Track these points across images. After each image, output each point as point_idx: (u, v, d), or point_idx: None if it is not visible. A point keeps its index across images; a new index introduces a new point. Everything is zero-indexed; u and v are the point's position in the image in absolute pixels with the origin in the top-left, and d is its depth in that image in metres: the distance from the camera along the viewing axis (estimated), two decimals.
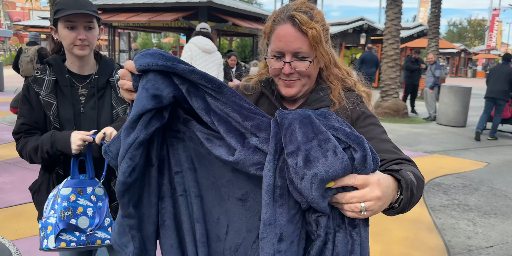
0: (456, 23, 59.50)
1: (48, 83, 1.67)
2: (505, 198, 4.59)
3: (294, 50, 1.09)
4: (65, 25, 1.61)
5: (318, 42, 1.08)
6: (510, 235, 3.61)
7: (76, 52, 1.65)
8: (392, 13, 9.63)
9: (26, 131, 1.68)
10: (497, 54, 40.29)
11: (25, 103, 1.68)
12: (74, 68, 1.73)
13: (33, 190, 1.77)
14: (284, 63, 1.11)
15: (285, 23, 1.09)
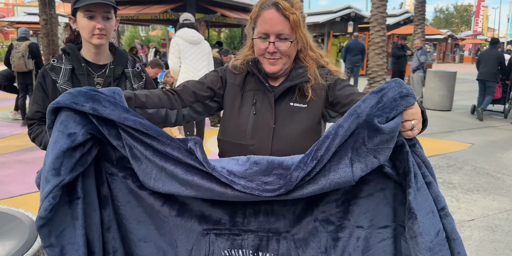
0: (442, 9, 59.82)
1: (65, 71, 1.70)
2: (487, 175, 4.82)
3: (277, 32, 1.25)
4: (84, 14, 1.65)
5: (298, 25, 1.25)
6: (490, 209, 3.82)
7: (94, 41, 1.68)
8: (378, 0, 9.76)
9: (40, 118, 1.71)
10: (484, 39, 40.63)
11: (40, 90, 1.71)
12: (90, 57, 1.76)
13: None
14: (269, 43, 1.26)
15: (270, 8, 1.26)
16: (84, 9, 1.64)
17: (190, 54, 4.76)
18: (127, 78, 1.82)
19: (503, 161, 5.41)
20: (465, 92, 13.18)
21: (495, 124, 7.89)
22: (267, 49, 1.28)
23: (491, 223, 3.52)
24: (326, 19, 17.44)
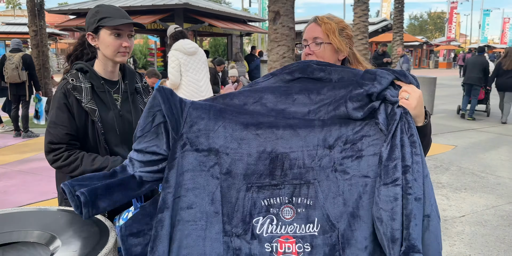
0: (417, 17, 61.41)
1: (86, 90, 1.67)
2: (472, 175, 5.13)
3: (312, 36, 1.50)
4: (112, 32, 1.65)
5: (330, 31, 1.49)
6: (478, 206, 4.11)
7: (118, 58, 1.70)
8: (360, 10, 10.13)
9: (69, 141, 1.66)
10: (457, 45, 41.98)
11: (64, 112, 1.64)
12: (105, 74, 1.75)
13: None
14: (306, 46, 1.52)
15: (311, 23, 1.54)
16: (112, 28, 1.64)
17: (190, 66, 4.82)
18: (138, 92, 1.86)
19: (485, 161, 5.75)
20: (445, 97, 13.69)
21: (475, 127, 8.30)
22: (305, 52, 1.52)
23: (481, 219, 3.80)
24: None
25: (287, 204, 1.27)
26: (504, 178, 5.01)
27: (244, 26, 12.40)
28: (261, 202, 1.27)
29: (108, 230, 1.49)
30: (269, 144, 1.27)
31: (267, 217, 1.27)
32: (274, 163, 1.27)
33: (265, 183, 1.27)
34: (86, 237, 1.45)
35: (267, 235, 1.26)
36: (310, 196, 1.25)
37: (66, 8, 11.46)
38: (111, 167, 1.67)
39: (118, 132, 1.75)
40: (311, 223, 1.25)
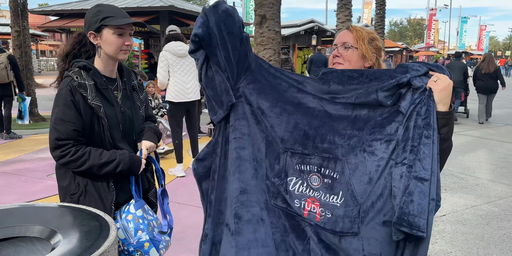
0: (397, 23, 62.54)
1: (90, 87, 1.70)
2: (452, 176, 5.29)
3: (343, 41, 1.59)
4: (115, 31, 1.70)
5: (360, 38, 1.57)
6: (458, 206, 4.25)
7: (120, 56, 1.76)
8: (343, 15, 10.32)
9: (76, 137, 1.69)
10: (435, 51, 42.87)
11: (71, 108, 1.67)
12: (107, 72, 1.80)
13: (78, 193, 1.75)
14: (335, 49, 1.60)
15: (344, 30, 1.64)
16: (115, 27, 1.70)
17: (178, 68, 4.90)
18: (135, 90, 1.92)
19: (464, 163, 5.94)
20: None
21: (454, 131, 8.51)
22: (333, 54, 1.61)
23: (461, 218, 3.93)
24: (291, 32, 18.02)
25: (315, 173, 1.41)
26: (482, 179, 5.18)
27: None
28: (294, 166, 1.44)
29: (109, 224, 1.52)
30: (306, 119, 1.44)
31: (299, 179, 1.43)
32: (307, 135, 1.43)
33: (297, 151, 1.43)
34: (87, 231, 1.47)
35: (298, 193, 1.43)
36: (337, 171, 1.37)
37: (48, 8, 11.30)
38: (120, 160, 1.73)
39: (121, 127, 1.81)
40: (335, 194, 1.37)
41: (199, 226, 3.56)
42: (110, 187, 1.78)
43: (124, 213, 1.77)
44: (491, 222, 3.83)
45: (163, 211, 1.92)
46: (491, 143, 7.36)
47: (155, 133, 1.97)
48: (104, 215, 1.60)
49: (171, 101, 4.99)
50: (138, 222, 1.76)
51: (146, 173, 1.97)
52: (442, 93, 1.30)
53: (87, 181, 1.76)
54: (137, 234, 1.74)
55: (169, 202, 1.98)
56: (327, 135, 1.40)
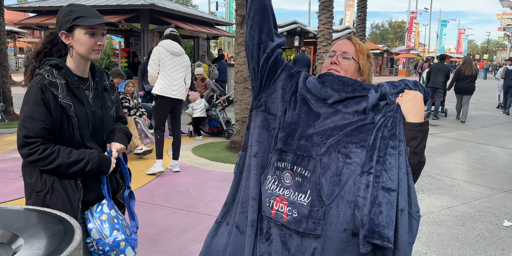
0: (378, 26, 63.32)
1: (61, 86, 1.68)
2: (429, 177, 5.36)
3: (343, 50, 1.56)
4: (87, 31, 1.69)
5: (361, 52, 1.57)
6: (435, 207, 4.30)
7: (92, 56, 1.75)
8: (325, 17, 10.35)
9: (45, 135, 1.66)
10: (416, 53, 43.56)
11: (41, 106, 1.64)
12: (78, 72, 1.78)
13: (45, 191, 1.72)
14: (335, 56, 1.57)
15: (344, 39, 1.61)
16: (88, 27, 1.69)
17: (169, 64, 4.95)
18: (106, 90, 1.90)
19: (441, 165, 6.02)
20: None
21: (432, 132, 8.65)
22: (331, 60, 1.57)
23: (436, 219, 3.97)
24: None
25: (288, 170, 1.42)
26: (459, 181, 5.26)
27: (211, 29, 12.38)
28: (274, 163, 1.47)
29: (74, 228, 1.48)
30: (295, 117, 1.50)
31: (273, 177, 1.45)
32: (291, 132, 1.47)
33: (278, 148, 1.48)
34: (51, 235, 1.43)
35: (269, 192, 1.45)
36: (309, 169, 1.38)
37: (26, 5, 11.05)
38: (89, 159, 1.72)
39: (91, 127, 1.79)
40: (303, 193, 1.37)
41: (174, 227, 3.54)
42: (78, 185, 1.75)
43: (97, 213, 1.76)
44: (466, 223, 3.88)
45: (131, 212, 1.92)
46: (467, 145, 7.49)
47: (125, 134, 1.95)
48: (69, 218, 1.55)
49: (159, 96, 5.01)
50: (114, 222, 1.76)
51: (115, 174, 1.94)
52: (407, 104, 1.36)
53: (54, 179, 1.73)
54: (113, 233, 1.74)
55: (146, 203, 1.97)
56: (306, 132, 1.44)
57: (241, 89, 6.41)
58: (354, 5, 31.22)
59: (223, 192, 4.47)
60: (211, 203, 4.17)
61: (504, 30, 31.78)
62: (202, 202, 4.20)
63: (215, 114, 7.62)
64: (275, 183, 1.44)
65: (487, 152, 6.97)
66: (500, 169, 5.85)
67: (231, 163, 5.68)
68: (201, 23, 12.16)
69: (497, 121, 10.60)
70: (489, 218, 4.01)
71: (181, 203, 4.14)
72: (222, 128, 7.58)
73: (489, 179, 5.35)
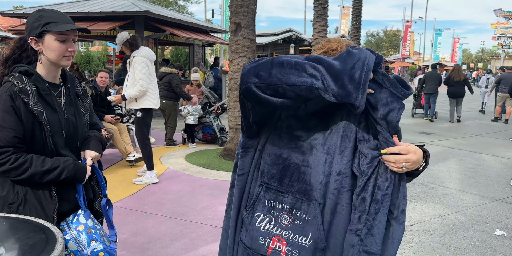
0: (373, 34, 63.75)
1: (32, 92, 1.64)
2: (422, 186, 5.35)
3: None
4: (57, 37, 1.65)
5: None
6: (427, 215, 4.29)
7: (63, 62, 1.70)
8: (319, 26, 10.43)
9: (16, 144, 1.61)
10: (411, 62, 43.83)
11: (11, 114, 1.59)
12: (49, 78, 1.74)
13: (17, 202, 1.67)
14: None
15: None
16: (58, 33, 1.64)
17: (153, 75, 4.91)
18: (79, 96, 1.87)
19: (434, 173, 6.02)
20: None
21: (426, 141, 8.67)
22: None
23: (429, 227, 3.96)
24: (269, 40, 18.12)
25: (286, 212, 1.35)
26: (451, 189, 5.26)
27: (206, 37, 12.41)
28: (265, 202, 1.39)
29: (56, 237, 1.46)
30: (287, 151, 1.37)
31: (267, 216, 1.38)
32: (285, 170, 1.36)
33: (272, 186, 1.38)
34: (32, 244, 1.41)
35: (263, 230, 1.38)
36: (309, 213, 1.32)
37: (21, 11, 11.03)
38: (63, 167, 1.68)
39: (64, 134, 1.74)
40: (304, 236, 1.33)
41: (165, 236, 3.51)
42: (53, 195, 1.71)
43: (74, 223, 1.71)
44: (458, 232, 3.87)
45: (109, 222, 1.88)
46: (461, 153, 7.50)
47: (100, 141, 1.91)
48: (52, 227, 1.53)
49: (145, 109, 4.87)
50: (91, 232, 1.72)
51: (91, 182, 1.90)
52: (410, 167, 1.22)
53: (27, 189, 1.68)
54: (91, 244, 1.70)
55: (137, 211, 1.95)
56: (304, 174, 1.33)
57: (235, 97, 6.41)
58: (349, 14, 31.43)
59: (216, 199, 4.44)
60: (203, 211, 4.14)
61: (498, 39, 32.03)
62: (194, 210, 4.17)
63: (209, 121, 7.60)
64: (270, 222, 1.38)
65: (480, 160, 6.98)
66: (493, 178, 5.86)
67: (224, 171, 5.66)
68: (196, 30, 12.19)
69: (491, 130, 10.65)
70: (481, 227, 4.00)
71: (172, 211, 4.10)
72: (216, 135, 7.56)
73: (481, 188, 5.35)
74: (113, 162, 6.06)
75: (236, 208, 1.50)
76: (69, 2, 11.36)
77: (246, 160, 1.48)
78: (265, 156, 1.41)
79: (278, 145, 1.38)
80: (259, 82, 1.21)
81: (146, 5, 11.03)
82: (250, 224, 1.41)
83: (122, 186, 4.90)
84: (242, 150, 1.49)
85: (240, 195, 1.49)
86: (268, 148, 1.41)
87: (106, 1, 10.71)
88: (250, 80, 1.23)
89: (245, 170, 1.49)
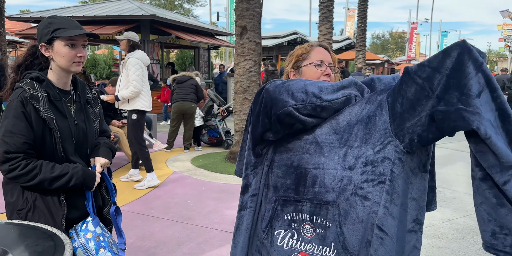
0: (379, 36, 63.62)
1: (43, 99, 1.64)
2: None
3: (329, 62, 1.57)
4: (66, 43, 1.66)
5: (336, 62, 1.61)
6: (435, 219, 4.25)
7: (73, 68, 1.70)
8: (325, 28, 10.42)
9: (27, 150, 1.61)
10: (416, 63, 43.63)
11: (22, 120, 1.60)
12: (60, 84, 1.74)
13: (26, 209, 1.67)
14: (326, 67, 1.55)
15: (320, 47, 1.59)
16: (67, 39, 1.65)
17: (146, 77, 4.96)
18: (89, 103, 1.87)
19: (443, 176, 5.97)
20: None
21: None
22: (324, 72, 1.54)
23: (437, 232, 3.92)
24: (274, 43, 18.14)
25: (307, 222, 1.29)
26: (460, 193, 5.21)
27: (211, 40, 12.44)
28: (284, 216, 1.32)
29: (64, 244, 1.45)
30: (297, 158, 1.31)
31: (289, 231, 1.31)
32: (298, 178, 1.30)
33: (289, 198, 1.31)
34: (41, 251, 1.40)
35: (287, 248, 1.31)
36: (329, 218, 1.25)
37: (27, 15, 11.12)
38: (72, 173, 1.67)
39: (74, 140, 1.74)
40: (327, 246, 1.25)
41: (172, 240, 3.50)
42: (62, 202, 1.70)
43: (82, 231, 1.70)
44: (467, 236, 3.82)
45: (118, 229, 1.87)
46: (468, 156, 7.42)
47: (110, 148, 1.91)
48: (60, 234, 1.52)
49: (141, 110, 4.92)
50: (99, 240, 1.70)
51: (100, 189, 1.89)
52: None
53: (36, 196, 1.67)
54: (99, 252, 1.68)
55: (143, 215, 1.93)
56: (317, 176, 1.26)
57: (241, 100, 6.41)
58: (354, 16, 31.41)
59: (221, 203, 4.43)
60: (209, 215, 4.13)
61: (504, 41, 31.87)
62: (200, 214, 4.16)
63: (215, 124, 7.60)
64: (293, 237, 1.30)
65: None
66: None
67: (230, 174, 5.64)
68: (202, 34, 12.22)
69: None
70: None
71: (178, 215, 4.09)
72: (221, 139, 7.55)
73: None
74: (119, 166, 6.07)
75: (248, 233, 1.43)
76: (75, 6, 11.44)
77: (257, 180, 1.43)
78: (274, 170, 1.35)
79: (287, 155, 1.33)
80: (296, 104, 1.21)
81: (151, 8, 11.08)
82: (272, 245, 1.33)
83: (128, 189, 4.90)
84: (251, 169, 1.43)
85: (253, 218, 1.42)
86: (277, 161, 1.35)
87: (112, 5, 10.77)
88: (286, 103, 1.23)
89: (257, 190, 1.43)
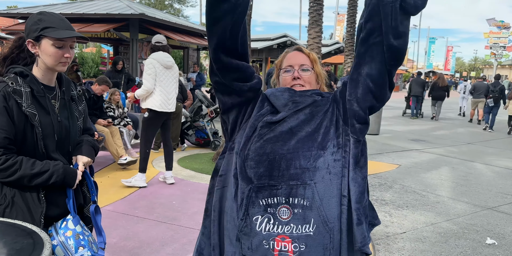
0: None
1: (26, 94, 1.62)
2: (414, 193, 5.36)
3: (300, 63, 1.57)
4: (54, 43, 1.63)
5: (316, 62, 1.59)
6: (419, 223, 4.29)
7: (59, 68, 1.69)
8: (314, 32, 10.45)
9: (7, 145, 1.58)
10: (404, 69, 44.13)
11: (3, 115, 1.57)
12: (45, 80, 1.72)
13: (4, 205, 1.64)
14: (295, 70, 1.56)
15: (293, 51, 1.61)
16: (55, 39, 1.62)
17: (164, 78, 4.87)
18: (74, 100, 1.85)
19: (426, 181, 6.03)
20: (391, 118, 14.29)
21: (418, 148, 8.71)
22: (292, 76, 1.56)
23: (420, 235, 3.96)
24: (264, 45, 18.11)
25: (283, 205, 1.34)
26: (443, 197, 5.27)
27: (201, 40, 12.39)
28: (259, 202, 1.36)
29: (43, 242, 1.43)
30: (271, 145, 1.38)
31: (265, 216, 1.35)
32: (272, 164, 1.36)
33: (264, 184, 1.36)
34: (19, 249, 1.38)
35: (265, 233, 1.34)
36: (307, 197, 1.32)
37: (14, 11, 10.97)
38: (53, 171, 1.65)
39: (56, 137, 1.72)
40: (307, 223, 1.32)
41: (156, 241, 3.47)
42: (41, 199, 1.67)
43: (62, 229, 1.68)
44: (449, 240, 3.87)
45: (98, 228, 1.85)
46: (453, 161, 7.53)
47: (93, 147, 1.88)
48: (40, 232, 1.50)
49: (152, 110, 4.90)
50: (79, 238, 1.68)
51: (82, 187, 1.87)
52: None
53: (15, 192, 1.65)
54: (79, 250, 1.66)
55: (127, 215, 1.91)
56: (292, 160, 1.35)
57: None
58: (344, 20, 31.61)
59: None
60: (194, 216, 4.10)
61: (490, 49, 32.34)
62: (185, 214, 4.13)
63: (203, 125, 7.57)
64: (270, 222, 1.34)
65: (472, 169, 7.01)
66: (484, 186, 5.88)
67: None
68: (191, 34, 12.18)
69: (482, 138, 10.72)
70: (472, 236, 4.00)
71: (163, 216, 4.06)
72: (209, 140, 7.53)
73: (473, 196, 5.37)
74: (104, 165, 6.01)
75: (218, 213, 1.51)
76: (64, 3, 11.32)
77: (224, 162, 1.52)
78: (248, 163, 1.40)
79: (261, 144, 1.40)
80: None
81: (141, 7, 11.01)
82: (251, 231, 1.36)
83: (113, 189, 4.85)
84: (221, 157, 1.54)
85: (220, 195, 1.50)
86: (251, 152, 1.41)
87: (101, 3, 10.67)
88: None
89: (224, 172, 1.51)
